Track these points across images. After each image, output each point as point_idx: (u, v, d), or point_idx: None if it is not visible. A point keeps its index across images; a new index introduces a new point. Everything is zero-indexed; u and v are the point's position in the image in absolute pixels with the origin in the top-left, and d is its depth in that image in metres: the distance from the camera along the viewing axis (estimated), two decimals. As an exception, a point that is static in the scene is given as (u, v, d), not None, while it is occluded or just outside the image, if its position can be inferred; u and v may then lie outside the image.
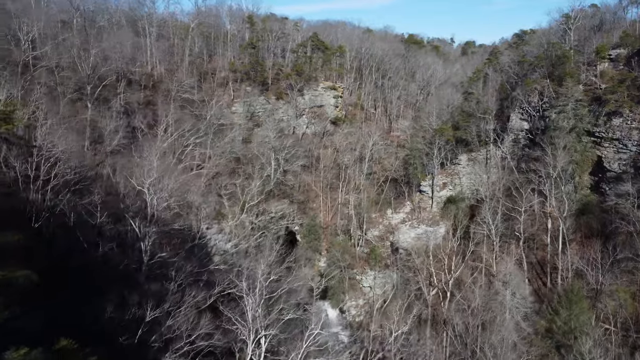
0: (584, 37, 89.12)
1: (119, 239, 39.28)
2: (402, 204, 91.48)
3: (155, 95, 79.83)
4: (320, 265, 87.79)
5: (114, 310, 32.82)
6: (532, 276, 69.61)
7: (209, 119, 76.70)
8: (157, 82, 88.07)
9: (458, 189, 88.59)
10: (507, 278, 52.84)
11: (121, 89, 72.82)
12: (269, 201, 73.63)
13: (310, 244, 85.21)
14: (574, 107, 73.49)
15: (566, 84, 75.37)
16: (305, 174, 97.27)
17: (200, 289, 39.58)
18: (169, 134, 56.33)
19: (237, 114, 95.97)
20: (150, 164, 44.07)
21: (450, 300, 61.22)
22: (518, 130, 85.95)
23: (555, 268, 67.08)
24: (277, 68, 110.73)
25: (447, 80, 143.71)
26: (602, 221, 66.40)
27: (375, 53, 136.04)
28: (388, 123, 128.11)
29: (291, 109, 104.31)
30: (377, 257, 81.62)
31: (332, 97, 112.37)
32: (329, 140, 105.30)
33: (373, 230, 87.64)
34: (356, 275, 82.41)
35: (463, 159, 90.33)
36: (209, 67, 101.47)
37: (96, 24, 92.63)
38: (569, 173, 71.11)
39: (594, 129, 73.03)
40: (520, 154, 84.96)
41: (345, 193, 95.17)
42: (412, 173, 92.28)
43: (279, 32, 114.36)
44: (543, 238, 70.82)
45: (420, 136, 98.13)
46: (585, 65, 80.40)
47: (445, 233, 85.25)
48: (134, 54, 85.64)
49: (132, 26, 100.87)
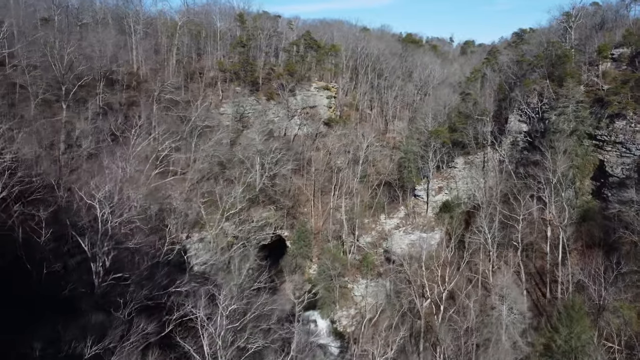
0: (585, 36, 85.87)
1: (69, 258, 35.58)
2: (396, 209, 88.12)
3: (138, 96, 76.43)
4: (310, 272, 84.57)
5: (44, 347, 28.41)
6: (531, 286, 66.26)
7: (193, 120, 73.27)
8: (142, 82, 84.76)
9: (454, 193, 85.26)
10: (504, 292, 49.44)
11: (100, 89, 69.27)
12: (254, 208, 70.11)
13: (300, 250, 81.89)
14: (575, 109, 70.06)
15: (567, 84, 71.94)
16: (296, 178, 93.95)
17: (154, 317, 35.53)
18: (142, 138, 52.54)
19: (226, 115, 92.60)
20: (111, 173, 40.47)
21: (444, 313, 57.83)
22: (516, 133, 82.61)
23: (555, 279, 63.82)
24: (268, 68, 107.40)
25: (445, 80, 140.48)
26: (605, 229, 63.02)
27: (371, 52, 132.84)
28: (384, 124, 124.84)
29: (282, 110, 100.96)
30: (370, 264, 78.22)
31: (325, 97, 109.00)
32: (321, 142, 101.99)
33: (365, 237, 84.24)
34: (347, 284, 79.05)
35: (459, 162, 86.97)
36: (198, 67, 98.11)
37: (79, 22, 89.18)
38: (570, 178, 67.74)
39: (595, 132, 69.60)
40: (519, 157, 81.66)
41: (338, 197, 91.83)
42: (407, 177, 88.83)
43: (271, 31, 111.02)
44: (542, 246, 67.50)
45: (416, 138, 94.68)
46: (587, 65, 77.00)
47: (440, 239, 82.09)
48: (118, 53, 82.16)
49: (118, 24, 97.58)
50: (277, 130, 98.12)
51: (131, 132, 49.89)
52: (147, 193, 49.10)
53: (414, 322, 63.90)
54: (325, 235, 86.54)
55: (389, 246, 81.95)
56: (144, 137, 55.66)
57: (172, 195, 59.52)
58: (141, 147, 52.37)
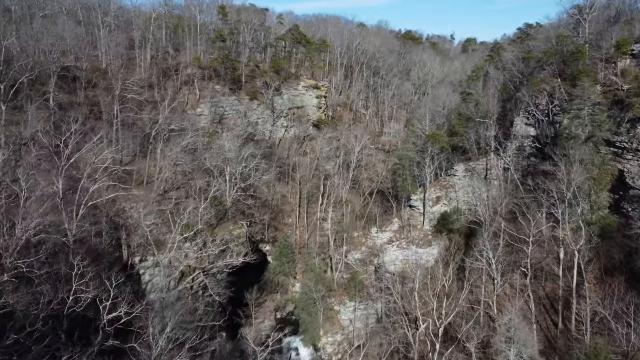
0: (597, 30, 77.46)
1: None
2: (389, 221, 79.89)
3: (98, 96, 68.15)
4: (294, 290, 76.42)
5: None
6: (540, 313, 57.88)
7: (160, 123, 64.98)
8: (109, 80, 76.21)
9: (453, 204, 76.95)
10: (512, 333, 41.24)
11: (51, 87, 60.89)
12: (222, 225, 61.63)
13: (282, 268, 73.62)
14: (591, 112, 61.64)
15: (581, 84, 63.48)
16: (280, 185, 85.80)
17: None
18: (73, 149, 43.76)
19: (204, 116, 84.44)
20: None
21: (442, 349, 49.56)
22: (523, 137, 74.24)
23: (569, 306, 55.48)
24: (253, 64, 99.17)
25: (445, 79, 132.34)
26: (626, 250, 54.90)
27: (367, 49, 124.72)
28: (380, 125, 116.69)
29: (267, 110, 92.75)
30: (359, 285, 70.03)
31: (314, 97, 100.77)
32: (309, 146, 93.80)
33: (354, 253, 76.00)
34: (334, 306, 70.84)
35: (459, 170, 78.71)
36: (173, 63, 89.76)
37: (41, 13, 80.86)
38: (585, 191, 59.38)
39: (614, 138, 61.17)
40: (525, 164, 73.48)
41: (326, 206, 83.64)
42: (401, 185, 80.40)
43: (256, 24, 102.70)
44: (553, 268, 59.13)
45: (412, 142, 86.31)
46: (603, 62, 68.50)
47: (438, 255, 73.92)
48: (81, 46, 73.87)
49: (88, 16, 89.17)
50: (260, 133, 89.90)
51: (61, 141, 41.34)
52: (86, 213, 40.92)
53: (407, 355, 55.79)
54: (311, 249, 78.33)
55: (381, 263, 73.78)
56: (98, 144, 46.60)
57: (126, 210, 51.24)
58: (77, 156, 43.73)
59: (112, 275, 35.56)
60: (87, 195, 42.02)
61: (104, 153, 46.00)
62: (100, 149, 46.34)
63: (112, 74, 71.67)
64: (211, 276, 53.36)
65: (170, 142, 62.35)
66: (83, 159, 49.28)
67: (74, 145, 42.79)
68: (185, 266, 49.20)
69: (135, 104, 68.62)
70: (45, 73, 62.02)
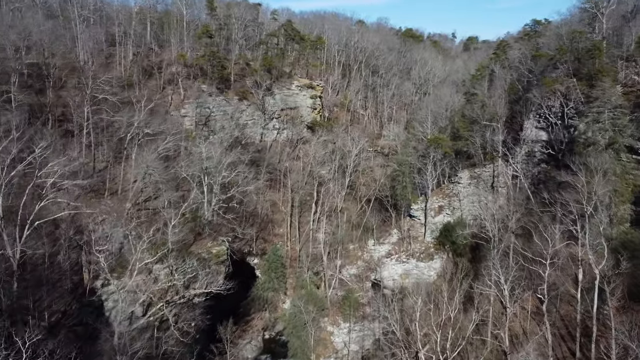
0: (614, 26, 71.35)
1: None
2: (388, 232, 73.91)
3: (66, 96, 62.07)
4: (284, 307, 70.34)
5: None
6: (555, 340, 51.89)
7: (136, 126, 58.86)
8: (83, 78, 70.05)
9: (457, 214, 71.02)
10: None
11: (13, 86, 54.74)
12: (200, 242, 55.41)
13: (271, 284, 67.54)
14: (612, 116, 55.52)
15: (600, 84, 57.44)
16: (271, 192, 79.75)
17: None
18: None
19: (188, 117, 78.34)
20: None
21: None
22: (534, 142, 68.19)
23: (587, 332, 49.47)
24: (243, 62, 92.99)
25: (447, 79, 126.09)
26: (652, 270, 48.78)
27: (365, 47, 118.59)
28: (379, 127, 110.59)
29: (257, 111, 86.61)
30: (354, 303, 64.01)
31: (308, 97, 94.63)
32: (302, 150, 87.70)
33: (350, 267, 70.06)
34: (327, 327, 64.81)
35: (464, 177, 72.69)
36: (157, 61, 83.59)
37: (12, 6, 74.76)
38: (605, 203, 53.25)
39: (637, 145, 55.10)
40: (536, 171, 67.47)
41: (320, 214, 77.62)
42: (401, 193, 74.35)
43: (247, 20, 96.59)
44: (569, 289, 53.02)
45: (412, 147, 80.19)
46: (623, 60, 62.41)
47: (441, 269, 67.97)
48: (52, 42, 67.79)
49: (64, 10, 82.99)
50: (250, 136, 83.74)
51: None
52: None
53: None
54: (302, 263, 72.24)
55: (379, 278, 67.80)
56: (44, 154, 40.20)
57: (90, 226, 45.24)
58: (14, 172, 37.45)
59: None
60: (32, 214, 36.06)
61: (49, 165, 39.85)
62: (44, 160, 40.23)
63: (82, 72, 65.52)
64: (184, 303, 47.26)
65: (144, 148, 56.21)
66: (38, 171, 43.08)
67: (15, 154, 36.74)
68: (152, 292, 43.17)
69: (110, 105, 62.47)
70: (4, 71, 55.92)
